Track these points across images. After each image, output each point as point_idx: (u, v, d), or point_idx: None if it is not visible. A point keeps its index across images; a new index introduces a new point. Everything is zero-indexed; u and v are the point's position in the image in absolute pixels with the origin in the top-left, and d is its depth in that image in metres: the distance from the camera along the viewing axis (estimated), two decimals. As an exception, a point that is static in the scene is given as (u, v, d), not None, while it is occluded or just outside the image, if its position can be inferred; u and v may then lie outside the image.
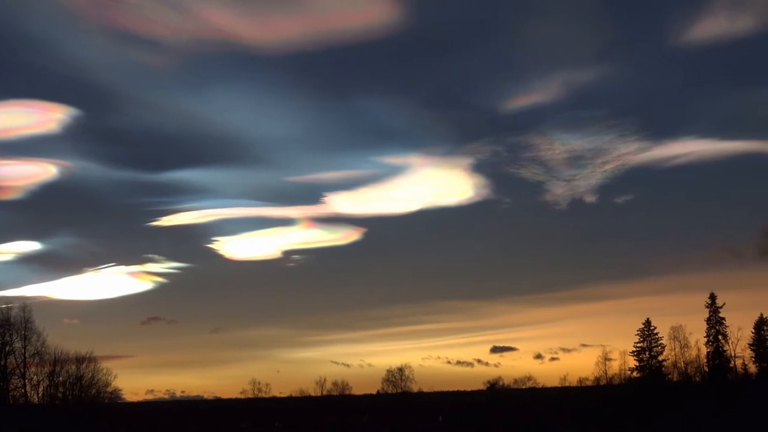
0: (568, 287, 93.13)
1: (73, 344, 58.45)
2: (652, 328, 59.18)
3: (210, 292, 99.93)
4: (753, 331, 57.35)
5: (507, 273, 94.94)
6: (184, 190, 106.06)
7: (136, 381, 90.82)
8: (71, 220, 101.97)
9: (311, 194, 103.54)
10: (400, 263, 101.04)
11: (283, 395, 69.74)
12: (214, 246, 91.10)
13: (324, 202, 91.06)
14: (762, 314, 57.56)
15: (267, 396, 67.34)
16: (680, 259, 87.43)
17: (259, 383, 67.51)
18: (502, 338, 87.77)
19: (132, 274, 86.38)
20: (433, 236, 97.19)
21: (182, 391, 75.37)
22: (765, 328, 57.22)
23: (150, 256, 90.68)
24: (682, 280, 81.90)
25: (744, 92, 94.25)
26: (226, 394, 74.97)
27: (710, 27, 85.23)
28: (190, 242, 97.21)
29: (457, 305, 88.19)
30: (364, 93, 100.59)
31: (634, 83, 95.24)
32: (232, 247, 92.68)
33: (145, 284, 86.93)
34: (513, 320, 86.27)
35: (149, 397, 73.76)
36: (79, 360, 48.42)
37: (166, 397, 73.69)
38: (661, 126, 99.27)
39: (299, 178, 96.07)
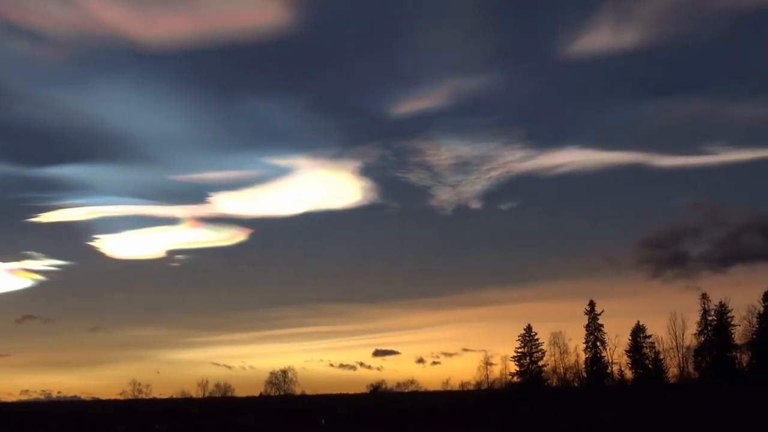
0: (450, 292, 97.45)
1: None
2: (532, 333, 62.46)
3: (90, 290, 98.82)
4: (630, 338, 61.20)
5: (391, 277, 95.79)
6: (65, 186, 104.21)
7: (10, 381, 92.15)
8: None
9: (196, 193, 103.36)
10: (285, 265, 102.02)
11: (163, 397, 70.00)
12: (95, 244, 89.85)
13: (209, 202, 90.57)
14: (639, 321, 61.47)
15: (147, 397, 66.75)
16: (561, 267, 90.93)
17: (139, 384, 67.23)
18: (384, 342, 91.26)
19: (9, 270, 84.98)
20: (319, 239, 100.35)
21: (59, 392, 74.70)
22: (641, 335, 61.05)
23: (28, 252, 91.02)
24: (562, 287, 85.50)
25: (628, 104, 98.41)
26: (104, 395, 77.25)
27: (596, 39, 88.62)
28: (71, 240, 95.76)
29: (341, 308, 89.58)
30: (252, 93, 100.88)
31: (520, 92, 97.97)
32: (113, 246, 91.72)
33: (23, 282, 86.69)
34: (395, 324, 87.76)
35: (24, 397, 72.39)
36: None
37: (42, 397, 72.40)
38: (546, 135, 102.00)
39: (184, 177, 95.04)
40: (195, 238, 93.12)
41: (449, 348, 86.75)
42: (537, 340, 61.45)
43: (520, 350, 61.19)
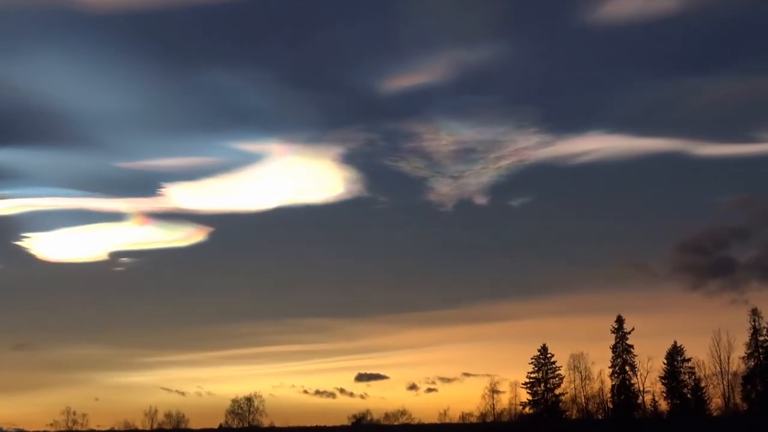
0: (450, 305, 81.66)
1: None
2: (548, 355, 55.06)
3: (16, 299, 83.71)
4: (665, 361, 53.49)
5: (378, 286, 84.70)
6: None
7: None
8: None
9: (146, 184, 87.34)
10: (251, 271, 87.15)
11: (103, 429, 60.00)
12: (24, 244, 77.15)
13: (162, 194, 77.93)
14: (675, 342, 53.92)
15: (83, 429, 57.56)
16: (583, 275, 77.38)
17: (74, 413, 58.18)
18: (369, 364, 77.51)
19: None
20: (292, 240, 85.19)
21: (-23, 422, 63.64)
22: (678, 358, 53.66)
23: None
24: (584, 300, 74.01)
25: (663, 81, 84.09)
26: (32, 426, 66.38)
27: (625, 3, 76.65)
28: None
29: (318, 323, 76.49)
30: (215, 65, 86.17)
31: (535, 66, 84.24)
32: (46, 246, 78.35)
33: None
34: (383, 343, 75.12)
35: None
36: None
37: (-44, 428, 61.85)
38: (565, 117, 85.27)
39: (132, 164, 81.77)
40: (144, 237, 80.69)
41: (447, 372, 73.35)
42: (554, 363, 54.15)
43: (533, 375, 54.15)
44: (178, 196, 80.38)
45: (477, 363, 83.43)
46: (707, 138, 76.89)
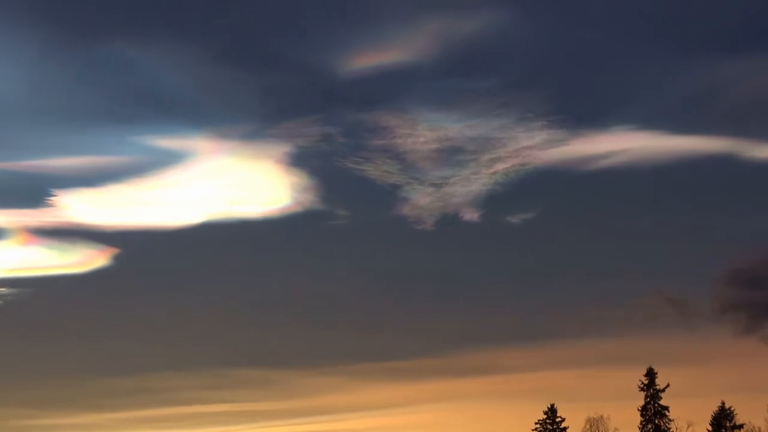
0: (429, 353, 53.51)
1: None
2: (557, 419, 39.69)
3: None
4: (709, 428, 39.05)
5: (336, 327, 55.78)
6: None
7: None
8: None
9: (31, 191, 60.38)
10: (170, 307, 56.95)
11: None
12: None
13: (51, 205, 55.64)
14: (723, 402, 39.34)
15: None
16: (603, 314, 58.95)
17: None
18: (325, 429, 53.95)
19: None
20: (223, 266, 56.69)
21: None
22: (727, 424, 39.08)
23: None
24: (604, 347, 53.24)
25: (709, 63, 58.80)
26: None
27: None
28: None
29: (257, 375, 54.27)
30: (123, 39, 60.80)
31: (541, 41, 58.53)
32: None
33: None
34: (341, 402, 53.61)
35: None
36: None
37: None
38: (582, 108, 53.79)
39: (11, 165, 57.73)
40: (28, 261, 57.20)
41: (425, 439, 60.16)
42: (564, 429, 39.66)
43: (537, 445, 49.71)
44: (72, 207, 57.15)
45: (464, 427, 57.02)
46: (764, 137, 54.47)
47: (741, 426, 40.06)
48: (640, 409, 38.97)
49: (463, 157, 44.31)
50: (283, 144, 49.12)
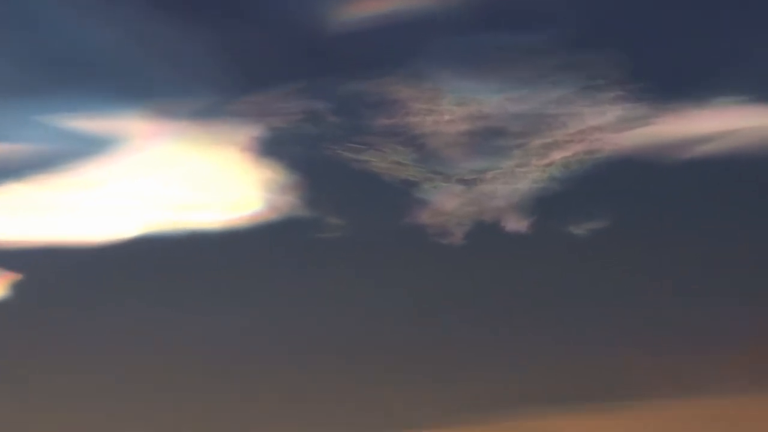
0: (457, 419, 25.82)
1: None
2: None
3: None
4: None
5: (327, 383, 11.37)
6: None
7: None
8: None
9: None
10: (92, 351, 21.37)
11: None
12: None
13: None
14: None
15: None
16: (710, 363, 12.90)
17: None
18: None
19: None
20: (168, 295, 10.44)
21: None
22: None
23: None
24: (710, 409, 9.66)
25: None
26: None
27: None
28: None
29: None
30: None
31: None
32: None
33: None
34: None
35: None
36: None
37: None
38: (676, 73, 12.55)
39: None
40: None
41: None
42: None
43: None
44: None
45: None
46: None
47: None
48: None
49: (505, 143, 24.74)
50: (251, 125, 17.00)
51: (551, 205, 9.06)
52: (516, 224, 10.65)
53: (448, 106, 11.65)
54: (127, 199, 11.32)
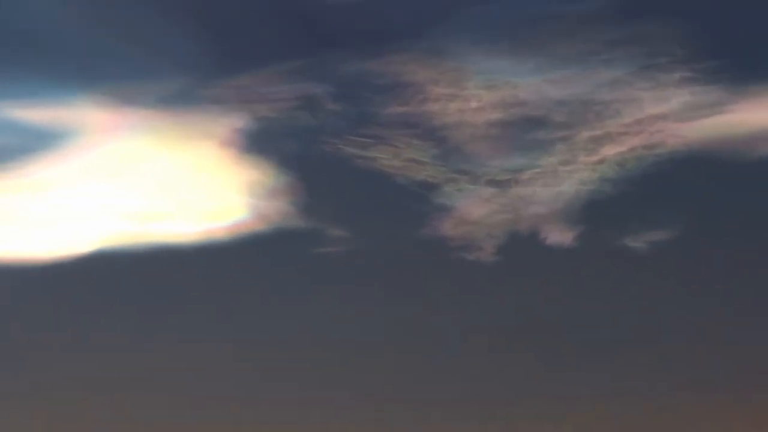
0: None
1: None
2: None
3: None
4: None
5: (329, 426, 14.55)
6: None
7: None
8: None
9: None
10: (41, 389, 6.19)
11: None
12: None
13: None
14: None
15: None
16: None
17: None
18: None
19: None
20: (133, 323, 7.62)
21: None
22: None
23: None
24: None
25: None
26: None
27: None
28: None
29: None
30: None
31: None
32: None
33: None
34: None
35: None
36: None
37: None
38: (757, 49, 10.79)
39: None
40: None
41: None
42: None
43: None
44: None
45: None
46: None
47: None
48: None
49: (546, 136, 20.20)
50: (233, 114, 11.10)
51: (603, 211, 8.76)
52: (559, 236, 9.78)
53: (475, 91, 10.67)
54: (81, 206, 10.30)
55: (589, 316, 7.16)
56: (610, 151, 9.17)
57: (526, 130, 9.20)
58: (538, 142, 9.09)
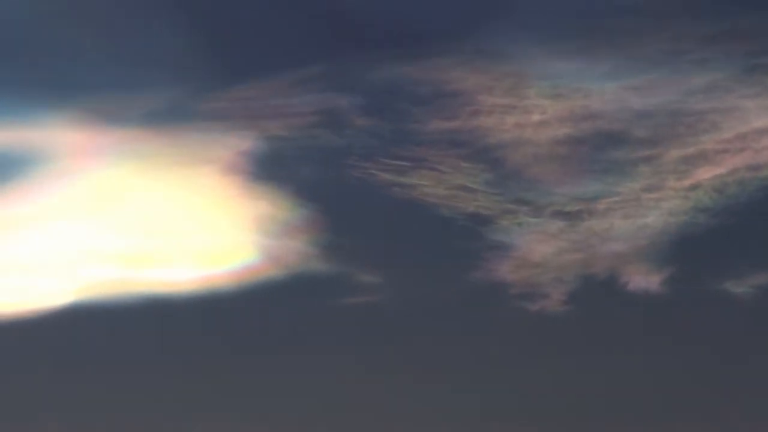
0: None
1: None
2: None
3: None
4: None
5: None
6: None
7: None
8: None
9: None
10: None
11: None
12: None
13: None
14: None
15: None
16: None
17: None
18: None
19: None
20: (116, 391, 28.13)
21: None
22: None
23: None
24: None
25: None
26: None
27: None
28: None
29: None
30: None
31: None
32: None
33: None
34: None
35: None
36: None
37: None
38: None
39: None
40: None
41: None
42: None
43: None
44: None
45: None
46: None
47: None
48: None
49: (626, 156, 19.15)
50: (239, 134, 9.93)
51: (697, 249, 8.75)
52: (644, 280, 9.72)
53: (538, 101, 10.36)
54: (55, 249, 10.29)
55: (682, 377, 7.27)
56: (705, 173, 9.08)
57: (602, 149, 9.06)
58: (617, 163, 8.94)
